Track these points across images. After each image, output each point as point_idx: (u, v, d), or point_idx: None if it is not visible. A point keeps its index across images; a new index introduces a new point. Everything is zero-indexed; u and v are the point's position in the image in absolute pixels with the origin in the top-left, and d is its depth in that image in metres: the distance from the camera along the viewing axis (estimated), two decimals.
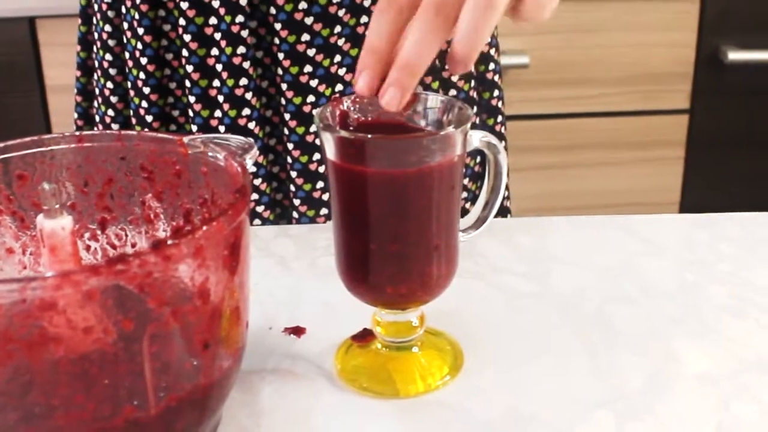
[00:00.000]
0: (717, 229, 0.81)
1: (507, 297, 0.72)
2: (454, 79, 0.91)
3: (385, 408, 0.60)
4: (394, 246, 0.58)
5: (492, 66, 0.95)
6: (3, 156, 0.59)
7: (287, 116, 0.86)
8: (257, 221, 0.89)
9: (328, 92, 0.86)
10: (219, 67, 0.84)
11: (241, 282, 0.53)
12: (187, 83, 0.86)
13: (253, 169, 0.88)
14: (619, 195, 1.73)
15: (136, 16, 0.85)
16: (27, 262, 0.61)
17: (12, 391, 0.47)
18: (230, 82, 0.84)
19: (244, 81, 0.85)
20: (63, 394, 0.47)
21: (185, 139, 0.59)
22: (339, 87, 0.86)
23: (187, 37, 0.84)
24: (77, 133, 0.62)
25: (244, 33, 0.83)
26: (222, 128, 0.86)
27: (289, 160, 0.87)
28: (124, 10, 0.87)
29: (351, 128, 0.60)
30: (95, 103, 0.95)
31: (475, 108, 0.93)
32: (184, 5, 0.83)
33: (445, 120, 0.59)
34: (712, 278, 0.74)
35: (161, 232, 0.62)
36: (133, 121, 0.90)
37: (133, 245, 0.63)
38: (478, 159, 0.95)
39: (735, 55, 1.62)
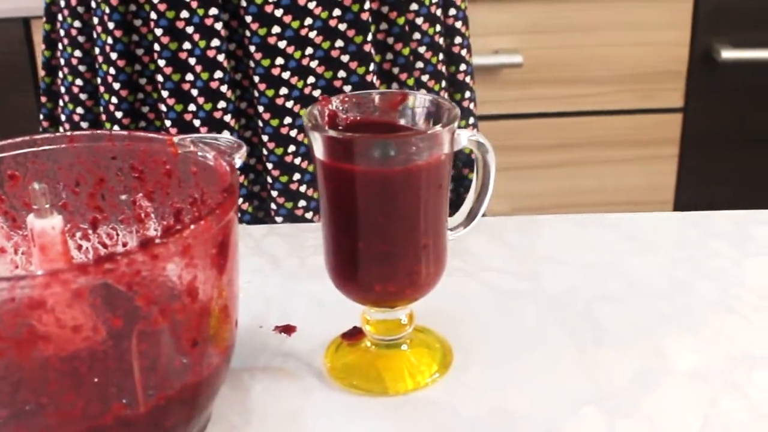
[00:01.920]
0: (707, 226, 0.81)
1: (496, 295, 0.72)
2: (424, 79, 0.91)
3: (374, 405, 0.60)
4: (382, 244, 0.58)
5: (463, 67, 0.95)
6: None
7: (261, 108, 0.86)
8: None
9: (300, 84, 0.86)
10: (192, 60, 0.84)
11: (229, 280, 0.54)
12: (159, 78, 0.86)
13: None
14: (612, 193, 1.73)
15: (107, 11, 0.85)
16: (19, 262, 0.62)
17: (1, 389, 0.48)
18: (204, 76, 0.85)
19: (218, 74, 0.85)
20: (52, 392, 0.48)
21: (175, 139, 0.60)
22: (311, 79, 0.86)
23: (158, 32, 0.84)
24: (68, 134, 0.62)
25: (218, 25, 0.84)
26: (197, 122, 0.86)
27: (265, 152, 0.88)
28: (93, 5, 0.86)
29: (340, 127, 0.60)
30: (60, 102, 0.94)
31: None
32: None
33: (432, 119, 0.60)
34: (701, 275, 0.74)
35: (152, 232, 0.63)
36: (103, 118, 0.90)
37: (125, 245, 0.64)
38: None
39: (728, 54, 1.62)
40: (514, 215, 0.84)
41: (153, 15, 0.83)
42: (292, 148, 0.87)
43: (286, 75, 0.85)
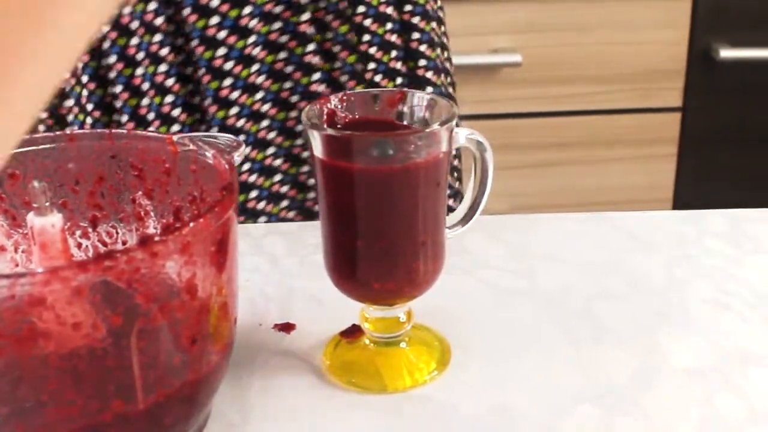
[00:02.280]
0: (705, 224, 0.82)
1: (494, 293, 0.72)
2: (377, 79, 0.92)
3: (373, 403, 0.60)
4: (381, 242, 0.59)
5: (423, 62, 0.94)
6: None
7: (207, 102, 0.87)
8: None
9: (244, 74, 0.86)
10: (140, 55, 0.85)
11: (229, 278, 0.54)
12: (113, 74, 0.86)
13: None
14: (611, 192, 1.73)
15: None
16: (19, 260, 0.62)
17: (1, 387, 0.48)
18: (151, 69, 0.85)
19: (163, 67, 0.85)
20: (52, 389, 0.48)
21: (174, 137, 0.60)
22: (255, 66, 0.87)
23: (105, 28, 0.84)
24: (68, 132, 0.63)
25: (158, 21, 0.84)
26: (151, 115, 0.87)
27: None
28: None
29: (338, 126, 0.61)
30: None
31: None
32: None
33: (430, 117, 0.60)
34: (698, 273, 0.74)
35: (151, 230, 0.63)
36: (76, 109, 0.91)
37: (124, 242, 0.64)
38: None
39: (727, 53, 1.62)
40: (512, 213, 0.85)
41: None
42: (241, 137, 0.88)
43: (228, 65, 0.86)
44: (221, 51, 0.85)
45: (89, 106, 0.89)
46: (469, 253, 0.77)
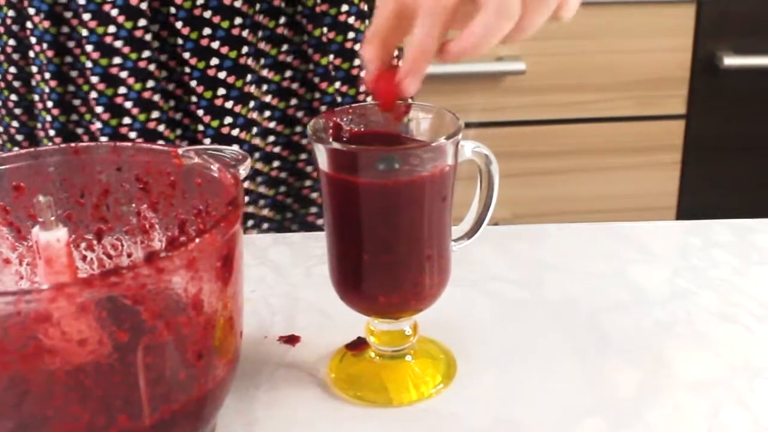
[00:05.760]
0: (710, 235, 0.82)
1: (499, 305, 0.72)
2: (338, 85, 0.91)
3: (378, 416, 0.60)
4: (386, 256, 0.59)
5: (352, 35, 0.94)
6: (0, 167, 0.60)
7: (201, 112, 0.87)
8: None
9: (239, 84, 0.86)
10: (124, 74, 0.85)
11: (234, 292, 0.54)
12: (93, 95, 0.86)
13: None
14: (615, 200, 1.73)
15: (42, 32, 0.86)
16: (24, 273, 0.62)
17: (6, 402, 0.48)
18: (137, 87, 0.85)
19: (150, 83, 0.85)
20: (58, 405, 0.48)
21: (180, 150, 0.60)
22: (249, 77, 0.87)
23: (89, 48, 0.84)
24: (73, 145, 0.63)
25: (148, 37, 0.84)
26: (133, 134, 0.87)
27: None
28: (30, 25, 0.87)
29: (344, 139, 0.60)
30: None
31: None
32: (86, 16, 0.83)
33: (436, 130, 0.60)
34: (703, 285, 0.74)
35: (156, 242, 0.63)
36: (41, 134, 0.90)
37: (129, 255, 0.64)
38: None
39: (731, 61, 1.62)
40: (515, 222, 0.85)
41: (84, 32, 0.84)
42: (234, 147, 0.88)
43: (222, 75, 0.86)
44: (214, 61, 0.85)
45: (51, 132, 0.89)
46: (474, 264, 0.77)
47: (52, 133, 0.89)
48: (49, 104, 0.88)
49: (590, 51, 1.63)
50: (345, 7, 0.90)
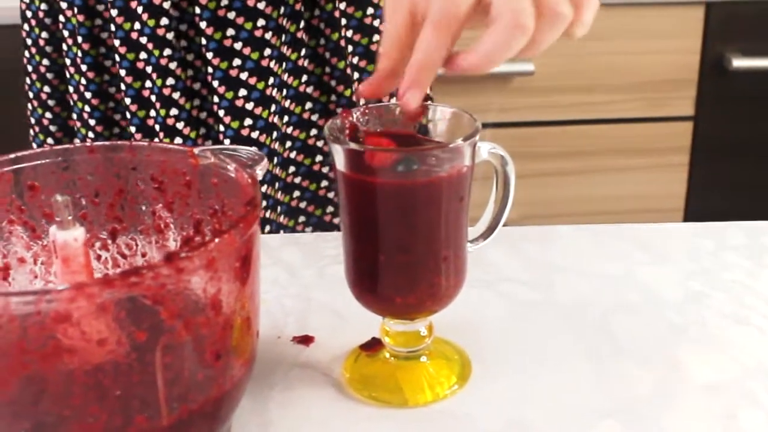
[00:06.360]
0: (722, 237, 0.82)
1: (513, 306, 0.72)
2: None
3: (393, 417, 0.60)
4: (403, 256, 0.59)
5: (376, 37, 0.94)
6: (14, 167, 0.60)
7: (221, 113, 0.87)
8: None
9: (260, 86, 0.86)
10: (149, 68, 0.86)
11: (252, 292, 0.54)
12: (122, 86, 0.88)
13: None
14: (623, 201, 1.73)
15: (76, 25, 0.87)
16: (38, 272, 0.62)
17: (24, 401, 0.48)
18: (159, 83, 0.86)
19: (170, 81, 0.86)
20: (76, 404, 0.48)
21: (196, 150, 0.60)
22: (271, 80, 0.87)
23: (116, 42, 0.86)
24: (88, 144, 0.62)
25: (170, 35, 0.85)
26: (157, 127, 0.88)
27: None
28: (63, 18, 0.88)
29: (360, 140, 0.60)
30: (29, 106, 0.97)
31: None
32: (114, 12, 0.85)
33: (454, 131, 0.60)
34: (716, 287, 0.74)
35: (171, 242, 0.63)
36: (78, 124, 0.92)
37: (144, 255, 0.64)
38: None
39: (739, 62, 1.62)
40: (524, 223, 0.85)
41: (112, 27, 0.86)
42: (253, 149, 0.88)
43: (243, 76, 0.86)
44: (236, 61, 0.85)
45: (91, 122, 0.90)
46: (487, 266, 0.77)
47: (92, 122, 0.91)
48: (88, 95, 0.90)
49: (599, 52, 1.63)
50: (370, 10, 0.90)
